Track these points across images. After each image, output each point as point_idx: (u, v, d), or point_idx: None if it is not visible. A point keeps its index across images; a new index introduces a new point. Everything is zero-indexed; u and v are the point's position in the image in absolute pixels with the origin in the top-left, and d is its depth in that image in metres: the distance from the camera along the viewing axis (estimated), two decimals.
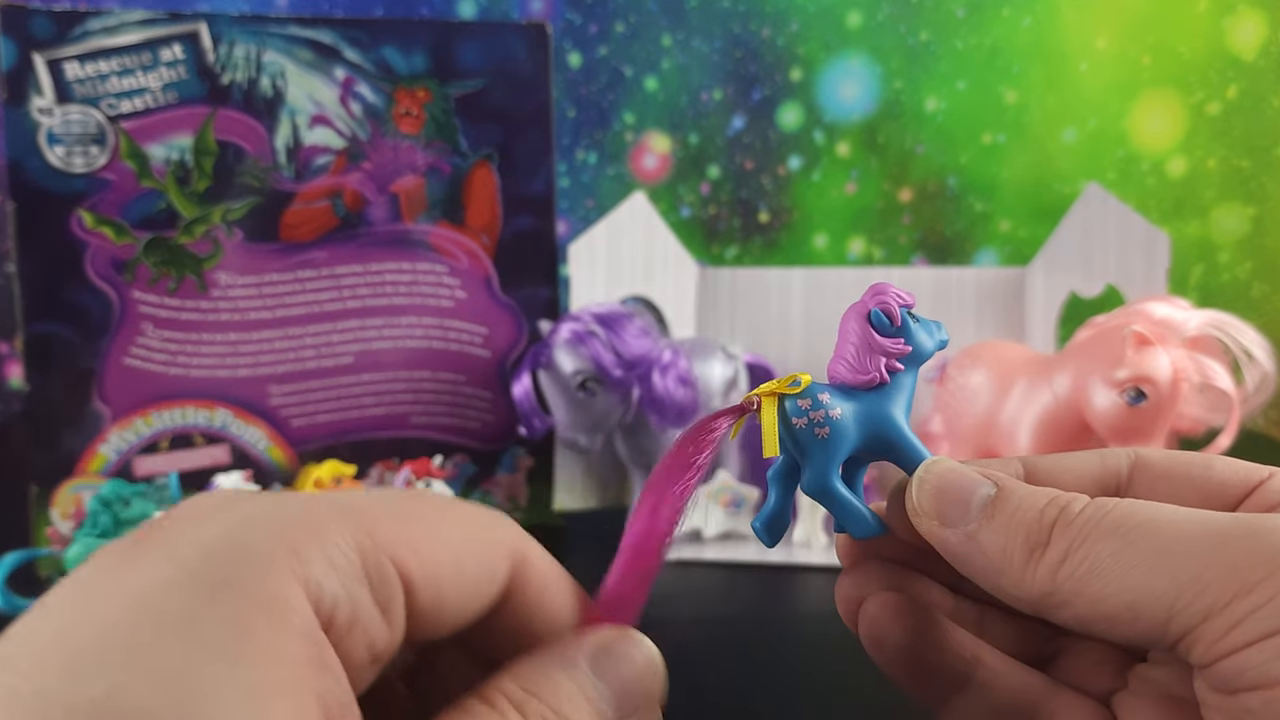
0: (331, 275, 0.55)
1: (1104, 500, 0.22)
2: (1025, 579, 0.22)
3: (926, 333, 0.26)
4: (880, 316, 0.26)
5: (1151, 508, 0.21)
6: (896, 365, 0.26)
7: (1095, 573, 0.20)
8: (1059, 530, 0.22)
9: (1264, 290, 0.82)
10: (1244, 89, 0.81)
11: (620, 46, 0.81)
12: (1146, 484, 0.25)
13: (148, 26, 0.52)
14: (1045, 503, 0.22)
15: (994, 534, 0.23)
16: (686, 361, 0.53)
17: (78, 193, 0.52)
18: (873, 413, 0.26)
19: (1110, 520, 0.21)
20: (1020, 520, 0.22)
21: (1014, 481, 0.24)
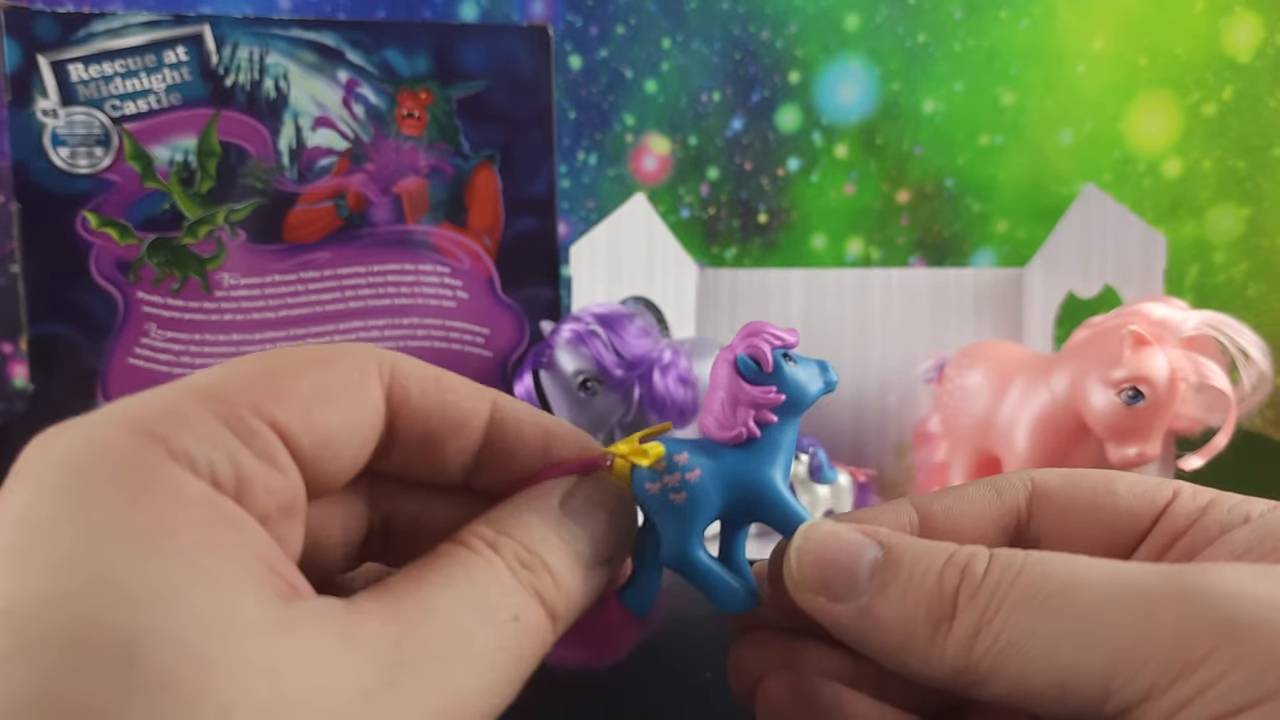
0: (334, 276, 0.56)
1: (1008, 556, 0.19)
2: (933, 657, 0.19)
3: (806, 374, 0.23)
4: (747, 363, 0.23)
5: (1065, 566, 0.19)
6: (768, 417, 0.23)
7: (1014, 648, 0.18)
8: (964, 600, 0.19)
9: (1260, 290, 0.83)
10: (1240, 90, 0.81)
11: (620, 48, 0.82)
12: (1050, 519, 0.23)
13: (151, 29, 0.52)
14: (942, 564, 0.20)
15: (890, 607, 0.20)
16: (687, 361, 0.54)
17: (82, 194, 0.52)
18: (741, 471, 0.23)
19: (1022, 584, 0.19)
20: (918, 589, 0.20)
21: (903, 540, 0.21)
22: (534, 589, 0.20)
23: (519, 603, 0.19)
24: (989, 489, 0.24)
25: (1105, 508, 0.23)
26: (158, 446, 0.16)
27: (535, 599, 0.20)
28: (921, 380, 0.59)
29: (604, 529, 0.22)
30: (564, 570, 0.20)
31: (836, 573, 0.21)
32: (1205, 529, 0.22)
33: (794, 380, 0.23)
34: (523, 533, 0.20)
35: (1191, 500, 0.22)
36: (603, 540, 0.22)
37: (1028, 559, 0.19)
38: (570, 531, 0.21)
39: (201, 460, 0.17)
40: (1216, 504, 0.22)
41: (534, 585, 0.20)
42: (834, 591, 0.21)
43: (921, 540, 0.21)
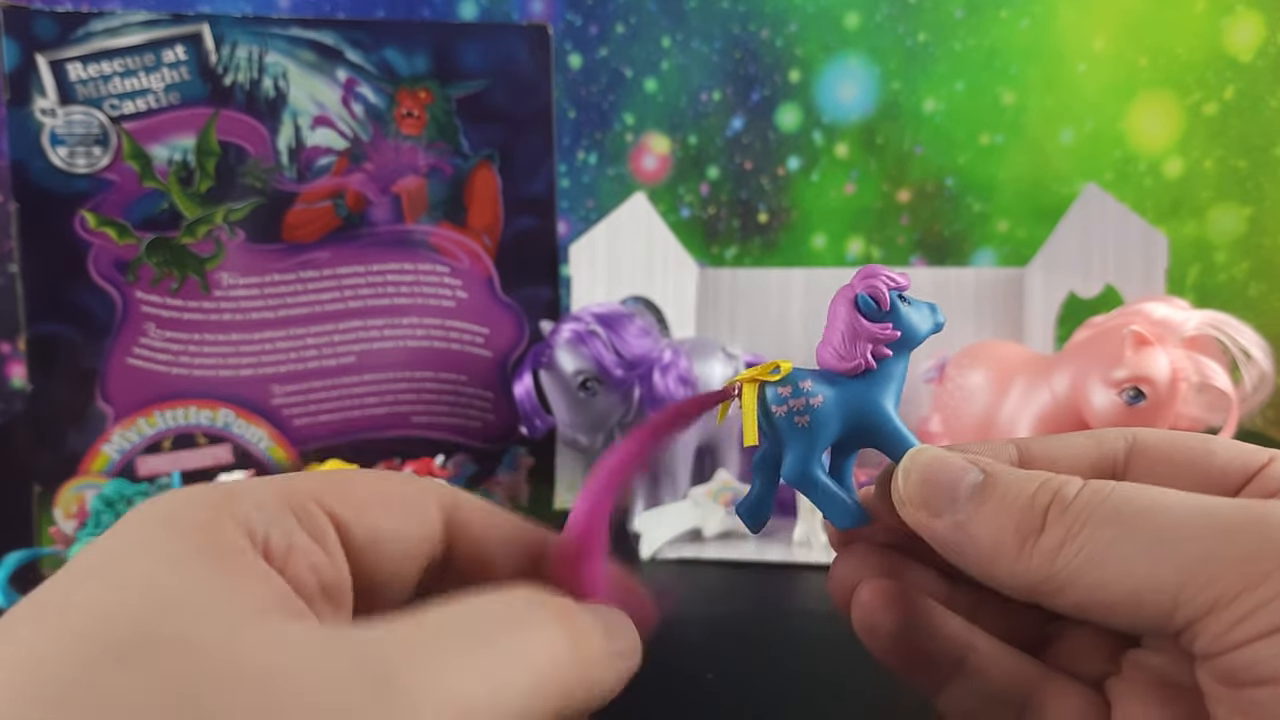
0: (334, 275, 0.55)
1: (1100, 483, 0.21)
2: (1019, 567, 0.21)
3: (918, 316, 0.25)
4: (867, 301, 0.25)
5: (1151, 492, 0.20)
6: (884, 351, 0.25)
7: (1094, 560, 0.20)
8: (1054, 516, 0.21)
9: (1261, 290, 0.83)
10: (1241, 90, 0.81)
11: (620, 48, 0.82)
12: (1144, 468, 0.24)
13: (150, 28, 0.52)
14: (1037, 487, 0.21)
15: (984, 522, 0.22)
16: (687, 361, 0.54)
17: (80, 193, 0.52)
18: (858, 400, 0.25)
19: (1109, 505, 0.20)
20: (1011, 506, 0.21)
21: (1002, 467, 0.23)
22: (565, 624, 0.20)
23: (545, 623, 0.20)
24: (1089, 438, 0.25)
25: (1200, 463, 0.24)
26: (222, 509, 0.19)
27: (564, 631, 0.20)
28: (922, 380, 0.59)
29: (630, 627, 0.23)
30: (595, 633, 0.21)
31: (939, 490, 0.23)
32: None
33: (908, 319, 0.25)
34: None
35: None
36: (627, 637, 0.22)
37: (1117, 486, 0.20)
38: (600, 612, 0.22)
39: (257, 526, 0.19)
40: None
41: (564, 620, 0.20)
42: (935, 507, 0.23)
43: (1021, 470, 0.22)
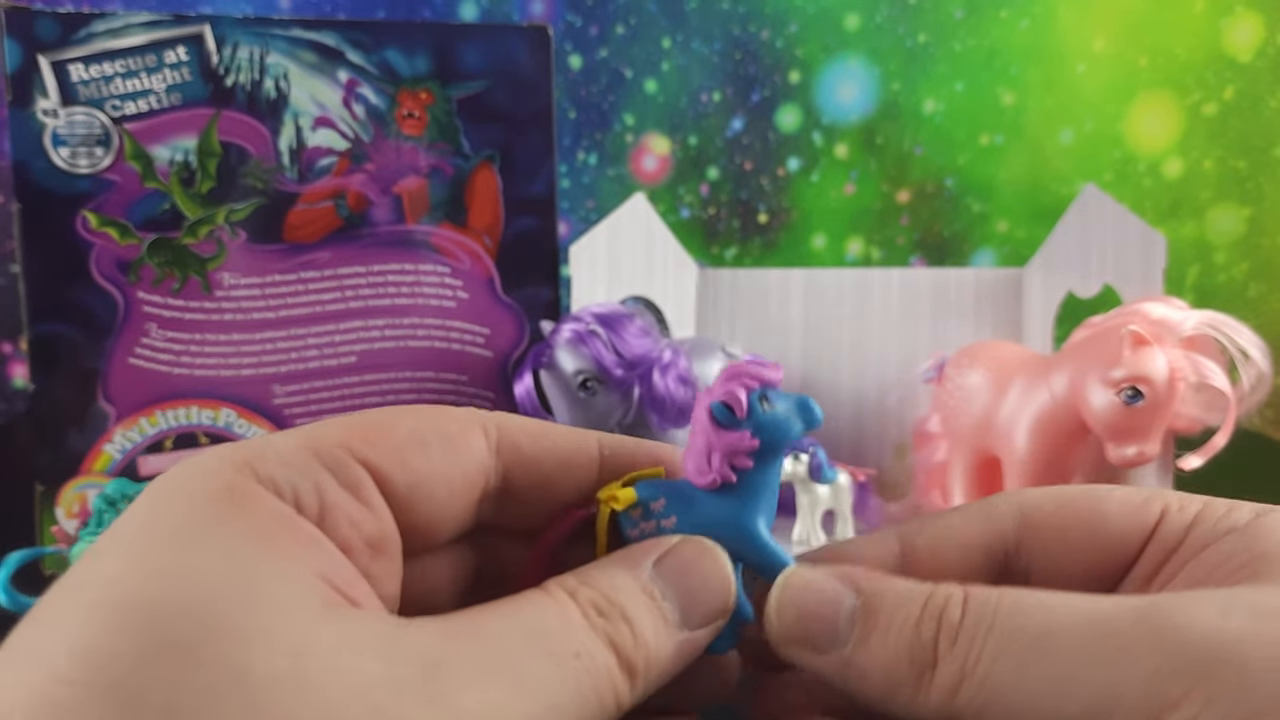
0: (335, 276, 0.56)
1: (983, 601, 0.20)
2: (918, 704, 0.20)
3: (783, 418, 0.23)
4: (721, 409, 0.22)
5: (1039, 610, 0.19)
6: (744, 462, 0.22)
7: (998, 696, 0.19)
8: (944, 648, 0.19)
9: (1260, 290, 0.83)
10: (1241, 90, 0.81)
11: (620, 48, 0.82)
12: (1040, 547, 0.23)
13: (152, 29, 0.52)
14: (919, 613, 0.20)
15: (871, 656, 0.20)
16: (687, 361, 0.54)
17: (82, 194, 0.52)
18: (720, 517, 0.23)
19: (1000, 633, 0.19)
20: (897, 639, 0.20)
21: (880, 585, 0.21)
22: (606, 635, 0.19)
23: (584, 641, 0.19)
24: (979, 513, 0.24)
25: (1096, 532, 0.23)
26: (246, 472, 0.18)
27: (606, 644, 0.19)
28: (921, 380, 0.59)
29: (699, 590, 0.21)
30: (645, 624, 0.20)
31: (817, 625, 0.21)
32: (1193, 544, 0.22)
33: (769, 424, 0.22)
34: (605, 583, 0.20)
35: (1179, 515, 0.22)
36: (696, 602, 0.21)
37: (1000, 603, 0.19)
38: (659, 589, 0.21)
39: (286, 486, 0.18)
40: (1204, 517, 0.22)
41: (607, 632, 0.19)
42: (817, 644, 0.21)
43: (899, 583, 0.21)
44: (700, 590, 0.21)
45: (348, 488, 0.19)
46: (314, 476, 0.19)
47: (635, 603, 0.20)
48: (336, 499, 0.19)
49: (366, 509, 0.19)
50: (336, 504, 0.19)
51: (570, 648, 0.18)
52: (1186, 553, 0.22)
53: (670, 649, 0.20)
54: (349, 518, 0.19)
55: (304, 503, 0.18)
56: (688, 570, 0.21)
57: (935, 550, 0.23)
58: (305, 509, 0.18)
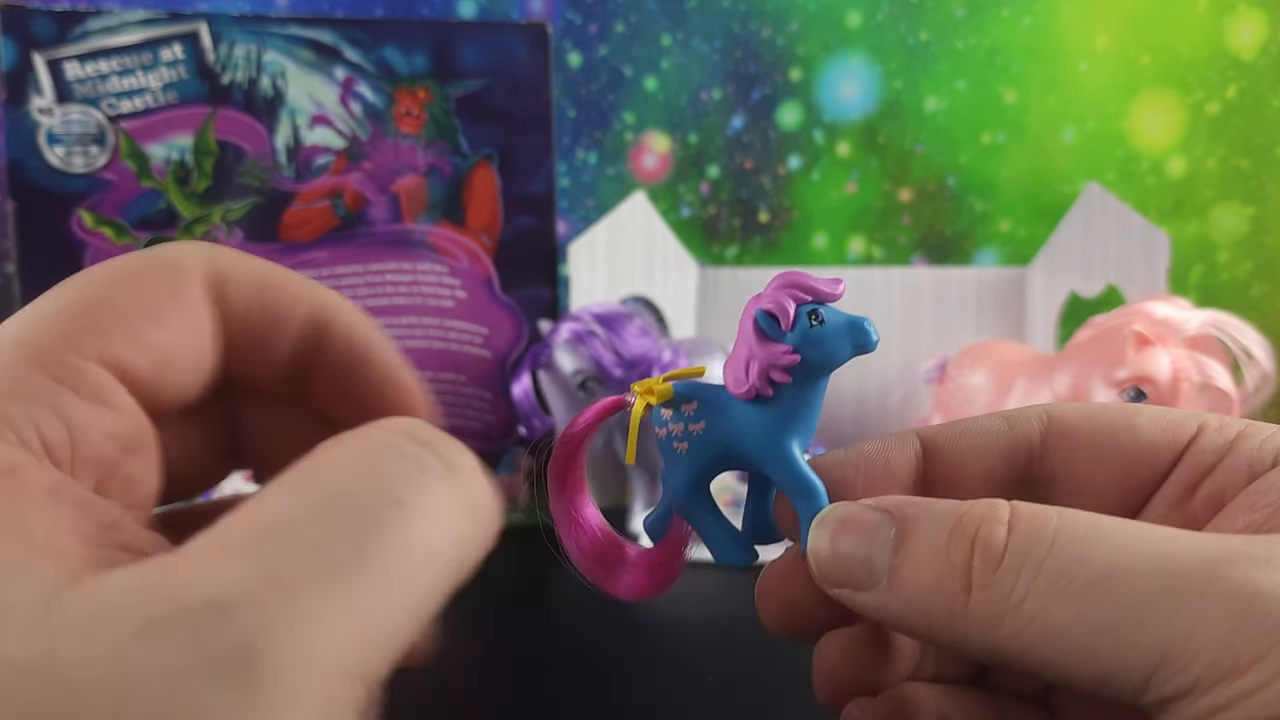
0: (332, 275, 0.55)
1: (1037, 526, 0.18)
2: (957, 638, 0.18)
3: (833, 337, 0.21)
4: (766, 318, 0.21)
5: (1101, 541, 0.17)
6: (782, 376, 0.21)
7: (1050, 637, 0.17)
8: (981, 574, 0.18)
9: (1263, 290, 0.83)
10: (1244, 88, 0.81)
11: (620, 46, 0.81)
12: (1065, 454, 0.22)
13: (148, 26, 0.52)
14: (947, 535, 0.18)
15: (904, 588, 0.19)
16: (686, 361, 0.53)
17: (78, 193, 0.52)
18: (752, 430, 0.21)
19: (1055, 569, 0.17)
20: (927, 565, 0.18)
21: (915, 509, 0.19)
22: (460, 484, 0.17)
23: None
24: (1001, 420, 0.22)
25: (1125, 442, 0.21)
26: None
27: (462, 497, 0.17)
28: (923, 380, 0.59)
29: None
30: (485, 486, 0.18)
31: (855, 565, 0.19)
32: (1234, 468, 0.20)
33: (816, 340, 0.20)
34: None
35: (1219, 434, 0.21)
36: None
37: (1059, 534, 0.17)
38: None
39: (23, 423, 0.16)
40: (1245, 437, 0.20)
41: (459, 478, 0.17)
42: (858, 583, 0.19)
43: (937, 504, 0.19)
44: None
45: (92, 399, 0.17)
46: (51, 400, 0.16)
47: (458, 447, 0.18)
48: (84, 418, 0.16)
49: (117, 413, 0.17)
50: (86, 423, 0.16)
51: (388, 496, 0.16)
52: (1225, 477, 0.20)
53: None
54: (102, 432, 0.17)
55: (48, 436, 0.16)
56: None
57: (956, 448, 0.22)
58: (51, 443, 0.16)
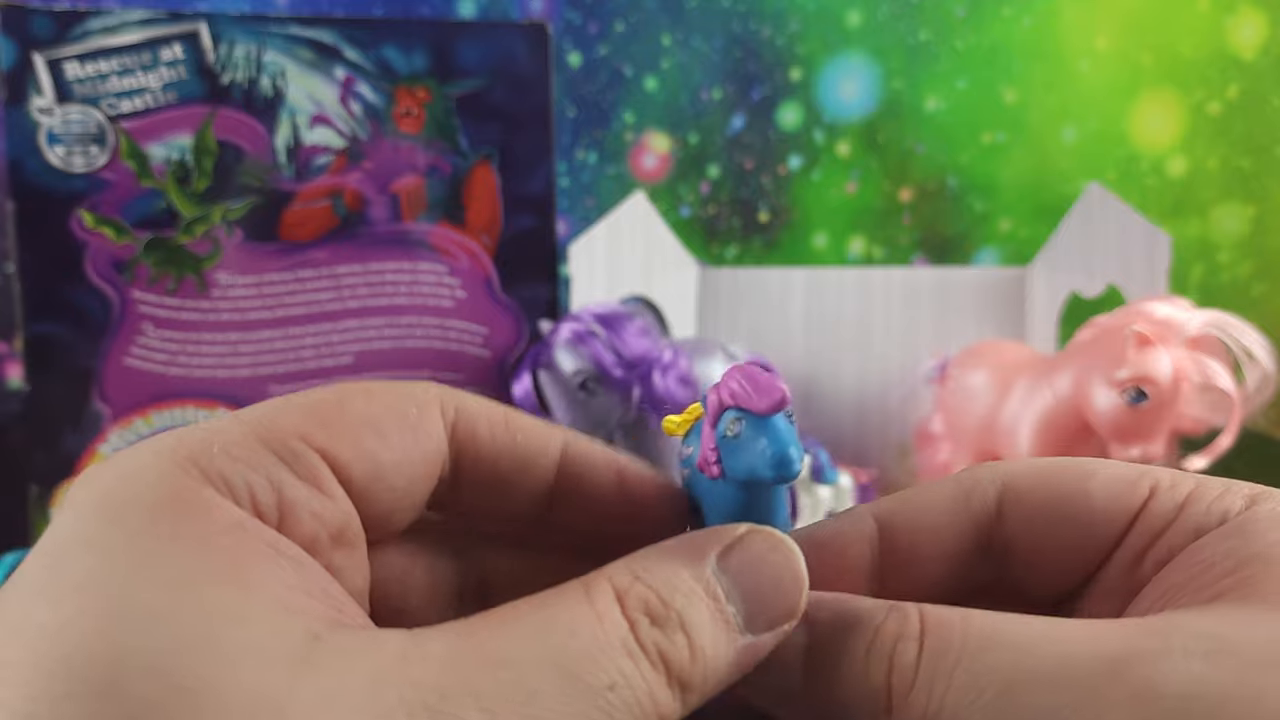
0: (331, 275, 0.55)
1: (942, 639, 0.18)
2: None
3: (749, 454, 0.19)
4: (704, 405, 0.20)
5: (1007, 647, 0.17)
6: (715, 471, 0.20)
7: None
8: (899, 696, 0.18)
9: (1264, 290, 0.82)
10: (1245, 88, 0.81)
11: (620, 46, 0.81)
12: (1022, 523, 0.22)
13: (148, 26, 0.52)
14: (865, 654, 0.18)
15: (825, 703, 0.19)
16: (687, 361, 0.53)
17: (77, 192, 0.52)
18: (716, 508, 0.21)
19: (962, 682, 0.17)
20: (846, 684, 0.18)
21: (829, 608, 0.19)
22: (657, 649, 0.17)
23: (623, 668, 0.16)
24: (957, 489, 0.22)
25: (1079, 508, 0.21)
26: (192, 471, 0.16)
27: (654, 662, 0.17)
28: (924, 380, 0.59)
29: (769, 591, 0.18)
30: (705, 633, 0.17)
31: (771, 674, 0.19)
32: (1182, 531, 0.20)
33: (730, 450, 0.19)
34: (663, 582, 0.17)
35: (1169, 494, 0.21)
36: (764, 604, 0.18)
37: (965, 642, 0.18)
38: (723, 587, 0.18)
39: (240, 484, 0.17)
40: (1195, 499, 0.21)
41: (659, 645, 0.17)
42: (773, 694, 0.19)
43: (848, 606, 0.19)
44: (770, 591, 0.18)
45: (306, 480, 0.18)
46: (268, 470, 0.17)
47: (696, 607, 0.17)
48: (296, 494, 0.17)
49: (328, 499, 0.18)
50: (296, 499, 0.17)
51: (605, 678, 0.16)
52: (1175, 538, 0.20)
53: (730, 658, 0.18)
54: (311, 512, 0.17)
55: (261, 502, 0.17)
56: (756, 566, 0.18)
57: (913, 527, 0.22)
58: (263, 509, 0.17)
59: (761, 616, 0.18)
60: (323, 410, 0.19)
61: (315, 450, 0.18)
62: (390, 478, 0.19)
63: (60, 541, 0.15)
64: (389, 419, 0.19)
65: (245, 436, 0.17)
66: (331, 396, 0.19)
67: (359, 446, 0.19)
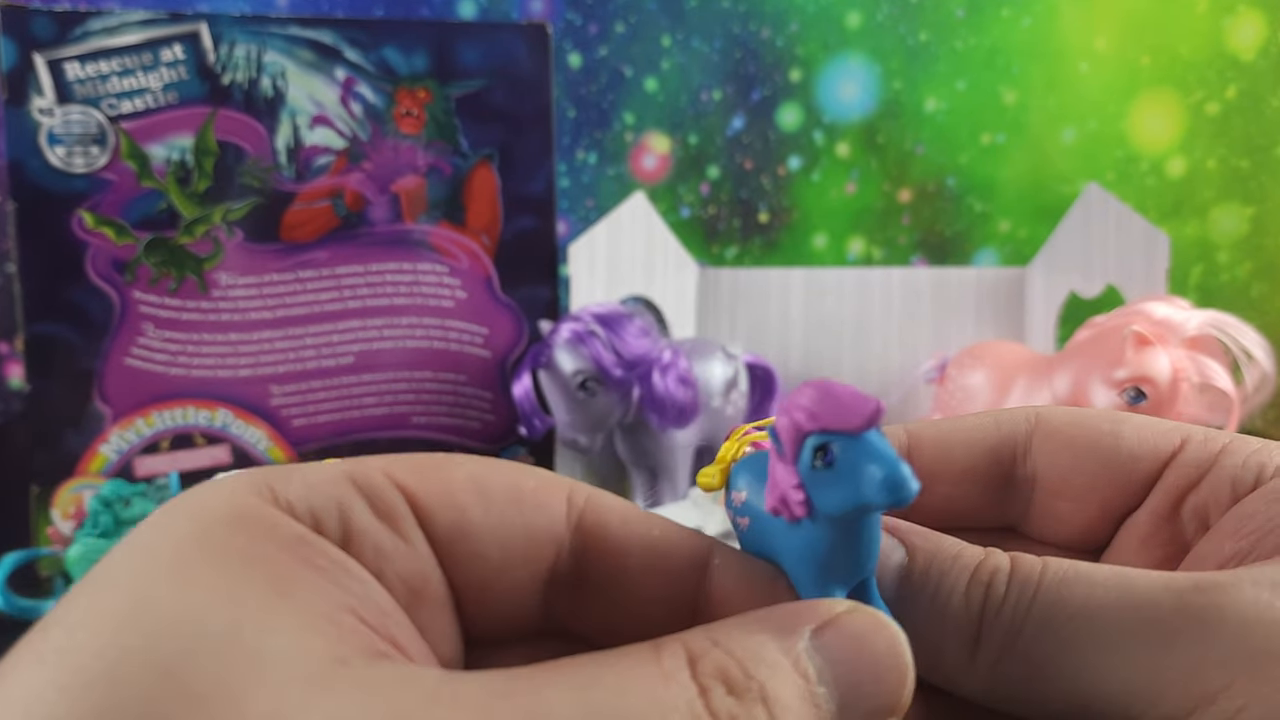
0: (332, 275, 0.55)
1: (1026, 574, 0.18)
2: (959, 676, 0.18)
3: (849, 484, 0.16)
4: (773, 434, 0.17)
5: (1079, 581, 0.18)
6: (800, 510, 0.17)
7: (1036, 674, 0.18)
8: (989, 622, 0.18)
9: (1263, 290, 0.83)
10: (1243, 89, 0.81)
11: (620, 47, 0.81)
12: (1049, 456, 0.22)
13: (148, 27, 0.52)
14: (967, 581, 0.18)
15: (916, 623, 0.18)
16: (686, 361, 0.53)
17: (78, 193, 0.52)
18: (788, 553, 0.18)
19: (1039, 611, 0.18)
20: (945, 607, 0.18)
21: (929, 541, 0.19)
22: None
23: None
24: (989, 418, 0.22)
25: (1107, 448, 0.21)
26: (264, 493, 0.16)
27: None
28: (923, 380, 0.59)
29: (868, 679, 0.16)
30: (791, 712, 0.15)
31: None
32: (1218, 484, 0.20)
33: (822, 483, 0.16)
34: (745, 650, 0.15)
35: (1203, 447, 0.21)
36: (862, 695, 0.16)
37: (1044, 574, 0.18)
38: (815, 668, 0.15)
39: (302, 506, 0.16)
40: (1230, 452, 0.20)
41: (733, 717, 0.14)
42: None
43: (947, 541, 0.19)
44: (869, 680, 0.16)
45: (381, 515, 0.16)
46: (339, 497, 0.16)
47: (783, 681, 0.15)
48: (364, 524, 0.16)
49: (401, 541, 0.16)
50: (364, 530, 0.16)
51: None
52: (1210, 495, 0.20)
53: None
54: (377, 547, 0.16)
55: (324, 525, 0.16)
56: (857, 650, 0.16)
57: (941, 445, 0.22)
58: (326, 533, 0.16)
59: (856, 708, 0.16)
60: (423, 460, 0.17)
61: (397, 488, 0.17)
62: (483, 542, 0.17)
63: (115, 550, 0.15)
64: (498, 483, 0.18)
65: (333, 470, 0.17)
66: (442, 456, 0.18)
67: (450, 498, 0.17)
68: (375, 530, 0.16)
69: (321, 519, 0.16)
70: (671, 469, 0.55)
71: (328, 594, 0.15)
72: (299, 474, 0.16)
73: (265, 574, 0.14)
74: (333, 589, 0.15)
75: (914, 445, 0.22)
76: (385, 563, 0.16)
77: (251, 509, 0.15)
